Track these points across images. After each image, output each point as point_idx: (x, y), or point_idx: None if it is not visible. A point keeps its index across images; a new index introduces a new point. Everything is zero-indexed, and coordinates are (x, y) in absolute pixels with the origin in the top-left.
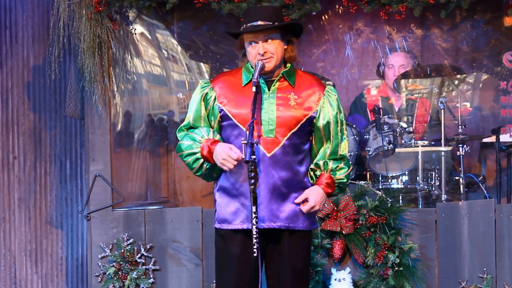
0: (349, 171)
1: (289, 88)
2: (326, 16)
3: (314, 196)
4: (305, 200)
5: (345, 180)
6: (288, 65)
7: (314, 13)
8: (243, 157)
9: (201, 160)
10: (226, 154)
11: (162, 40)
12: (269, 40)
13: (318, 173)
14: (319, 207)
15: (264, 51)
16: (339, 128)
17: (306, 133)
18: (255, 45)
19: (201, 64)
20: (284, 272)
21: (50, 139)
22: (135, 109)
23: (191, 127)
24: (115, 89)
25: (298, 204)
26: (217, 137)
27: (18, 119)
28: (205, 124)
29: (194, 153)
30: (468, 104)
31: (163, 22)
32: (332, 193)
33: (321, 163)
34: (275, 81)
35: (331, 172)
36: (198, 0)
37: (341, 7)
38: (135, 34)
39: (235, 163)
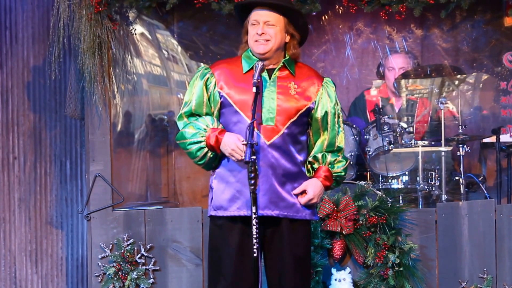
0: (346, 164)
1: (290, 77)
2: (326, 17)
3: (312, 188)
4: (303, 192)
5: (343, 174)
6: (287, 55)
7: (314, 13)
8: (243, 158)
9: (206, 149)
10: (235, 145)
11: (162, 40)
12: (271, 24)
13: (316, 166)
14: (317, 200)
15: (262, 32)
16: (336, 120)
17: (304, 123)
18: (256, 25)
19: (202, 64)
20: (284, 261)
21: (50, 139)
22: (135, 109)
23: (192, 114)
24: (115, 90)
25: (296, 195)
26: (220, 126)
27: (18, 119)
28: (207, 109)
29: (199, 142)
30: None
31: (163, 22)
32: (330, 186)
33: (319, 156)
34: (276, 69)
35: (330, 165)
36: (198, 0)
37: (341, 7)
38: (135, 34)
39: (240, 158)
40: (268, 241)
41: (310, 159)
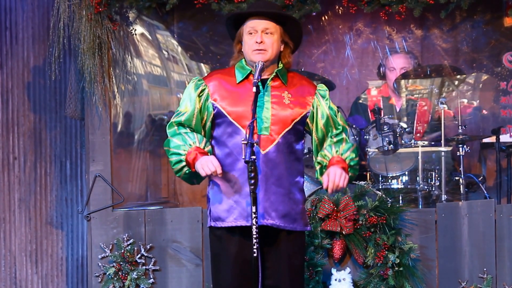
0: (353, 147)
1: (283, 87)
2: (326, 17)
3: (332, 173)
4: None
5: (354, 156)
6: (281, 64)
7: (314, 13)
8: (243, 157)
9: (183, 164)
10: (210, 162)
11: (162, 40)
12: (268, 33)
13: (325, 161)
14: (342, 183)
15: (261, 40)
16: (339, 118)
17: (299, 132)
18: (254, 34)
19: (201, 64)
20: (280, 271)
21: (50, 139)
22: (136, 109)
23: (181, 124)
24: (115, 90)
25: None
26: (207, 148)
27: (18, 119)
28: (196, 122)
29: (180, 154)
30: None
31: (163, 22)
32: (347, 169)
33: (325, 152)
34: (269, 79)
35: (337, 153)
36: (198, 0)
37: (341, 8)
38: (135, 34)
39: (210, 172)
40: (266, 252)
41: (318, 158)
